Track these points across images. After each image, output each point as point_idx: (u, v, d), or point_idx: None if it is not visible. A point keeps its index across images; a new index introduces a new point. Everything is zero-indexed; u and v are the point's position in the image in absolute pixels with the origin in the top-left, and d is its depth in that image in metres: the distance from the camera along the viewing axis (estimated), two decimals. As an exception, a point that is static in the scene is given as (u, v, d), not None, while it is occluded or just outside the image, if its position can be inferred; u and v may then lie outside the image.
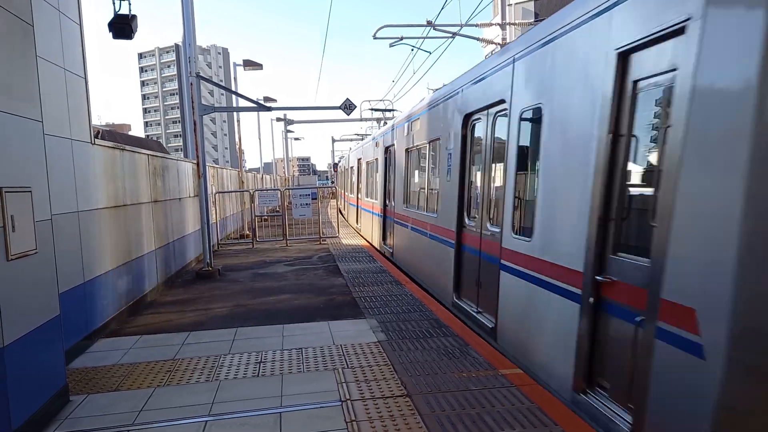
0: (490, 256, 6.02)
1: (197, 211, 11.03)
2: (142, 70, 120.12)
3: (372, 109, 24.21)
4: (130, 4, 7.41)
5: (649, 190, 3.47)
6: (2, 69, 3.72)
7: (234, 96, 13.62)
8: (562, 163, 4.41)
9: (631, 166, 3.69)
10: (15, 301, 3.66)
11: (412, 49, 18.93)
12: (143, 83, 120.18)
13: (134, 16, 7.50)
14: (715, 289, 2.72)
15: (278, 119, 37.69)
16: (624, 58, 3.62)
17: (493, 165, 6.15)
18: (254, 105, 13.05)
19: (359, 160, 18.06)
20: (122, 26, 7.40)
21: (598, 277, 3.84)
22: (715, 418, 2.73)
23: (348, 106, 12.37)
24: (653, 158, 3.50)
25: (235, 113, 28.67)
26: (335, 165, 45.40)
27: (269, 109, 13.35)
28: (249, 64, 21.18)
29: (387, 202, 12.72)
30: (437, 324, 6.34)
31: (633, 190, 3.69)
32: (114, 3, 7.36)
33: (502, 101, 5.68)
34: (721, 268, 2.68)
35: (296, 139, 47.69)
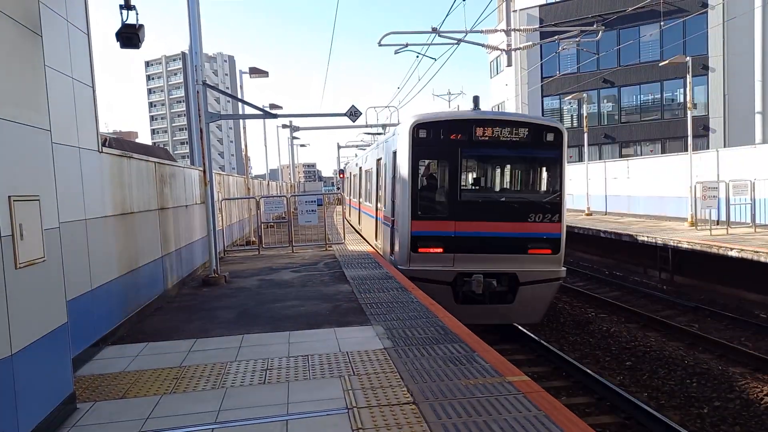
0: (380, 219, 13.26)
1: (204, 218, 11.07)
2: (149, 78, 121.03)
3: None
4: (137, 13, 7.48)
5: (393, 188, 11.23)
6: (11, 79, 3.76)
7: (240, 103, 13.69)
8: (390, 181, 11.49)
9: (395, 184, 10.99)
10: (23, 309, 3.68)
11: (417, 56, 19.05)
12: (150, 91, 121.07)
13: (141, 26, 7.56)
14: (397, 211, 10.73)
15: (284, 126, 37.85)
16: (394, 154, 10.93)
17: (384, 181, 12.72)
18: (260, 112, 13.09)
19: (350, 173, 26.71)
20: (130, 36, 7.48)
21: (392, 217, 11.07)
22: (392, 245, 11.43)
23: (353, 113, 12.38)
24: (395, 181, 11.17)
25: (241, 120, 28.81)
26: (341, 171, 45.72)
27: (275, 116, 13.38)
28: (255, 72, 21.30)
29: (360, 199, 19.98)
30: (443, 330, 6.33)
31: (392, 189, 11.19)
32: (121, 13, 7.44)
33: (381, 158, 13.17)
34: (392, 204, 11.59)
35: (302, 145, 47.88)
